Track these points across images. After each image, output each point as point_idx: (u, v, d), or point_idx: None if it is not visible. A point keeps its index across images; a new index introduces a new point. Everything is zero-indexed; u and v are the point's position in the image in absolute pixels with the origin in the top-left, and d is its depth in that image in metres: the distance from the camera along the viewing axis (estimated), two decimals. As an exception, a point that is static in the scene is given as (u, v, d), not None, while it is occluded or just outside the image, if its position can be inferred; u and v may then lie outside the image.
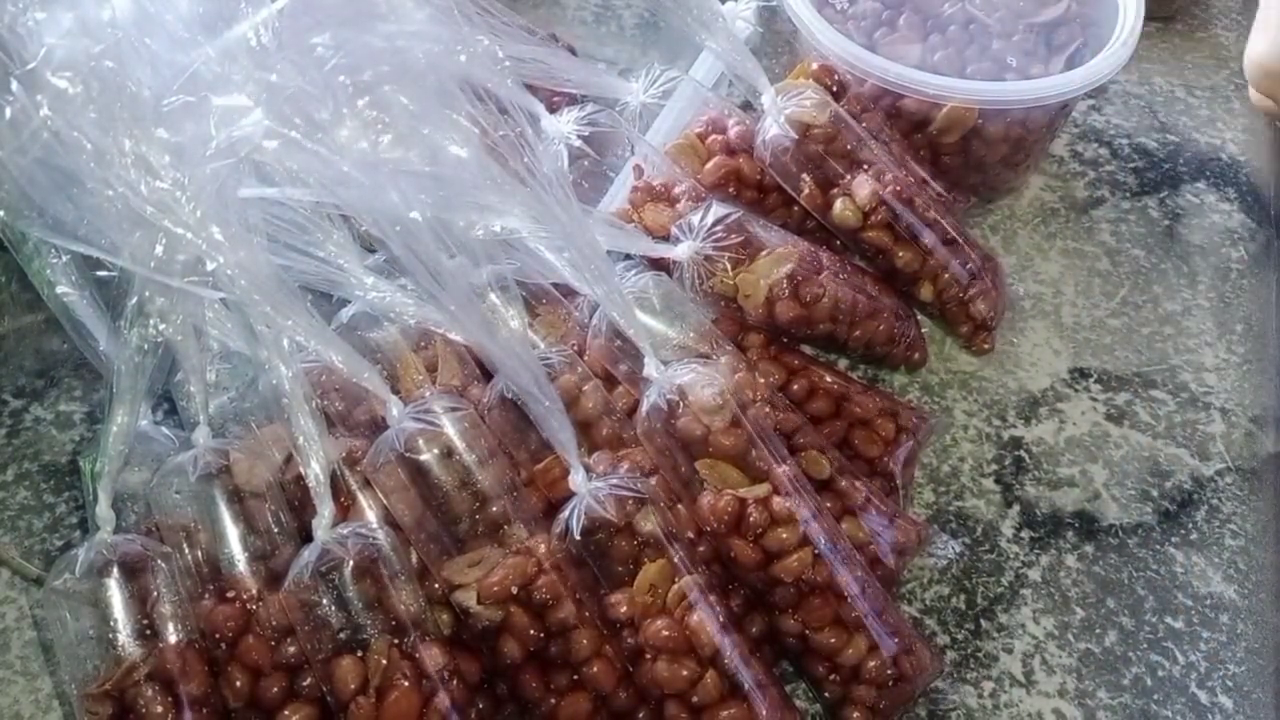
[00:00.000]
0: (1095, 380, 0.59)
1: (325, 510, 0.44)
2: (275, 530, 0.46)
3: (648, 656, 0.43)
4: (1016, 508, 0.55)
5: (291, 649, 0.44)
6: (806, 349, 0.56)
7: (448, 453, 0.45)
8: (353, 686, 0.42)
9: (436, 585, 0.45)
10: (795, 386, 0.52)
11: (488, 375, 0.49)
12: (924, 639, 0.49)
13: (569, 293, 0.51)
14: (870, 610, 0.45)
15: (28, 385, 0.58)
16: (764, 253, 0.52)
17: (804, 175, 0.54)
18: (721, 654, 0.43)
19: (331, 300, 0.50)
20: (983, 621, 0.51)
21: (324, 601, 0.43)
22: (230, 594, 0.44)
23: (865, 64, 0.57)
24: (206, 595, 0.45)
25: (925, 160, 0.60)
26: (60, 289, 0.50)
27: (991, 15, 0.61)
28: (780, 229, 0.55)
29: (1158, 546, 0.53)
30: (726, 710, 0.43)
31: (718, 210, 0.51)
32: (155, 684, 0.42)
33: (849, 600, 0.45)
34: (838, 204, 0.55)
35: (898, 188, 0.54)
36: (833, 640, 0.45)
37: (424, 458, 0.45)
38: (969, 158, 0.61)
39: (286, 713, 0.43)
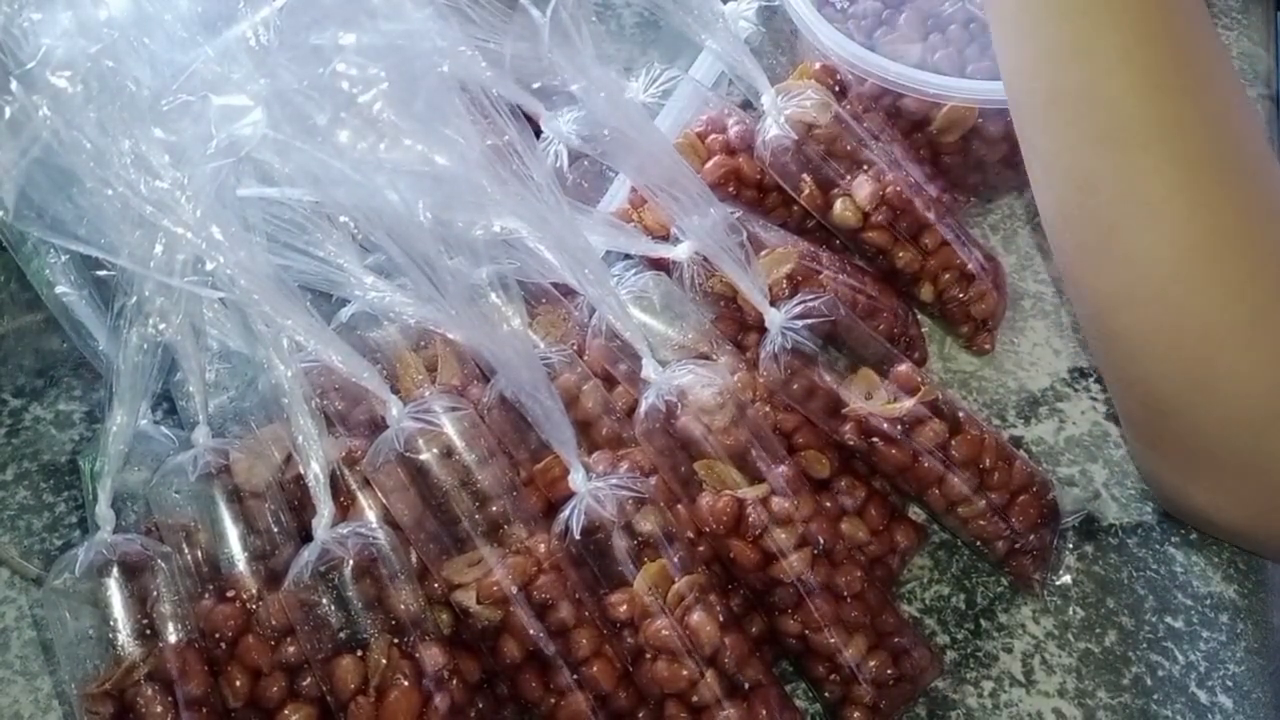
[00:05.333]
0: (1095, 380, 0.59)
1: (325, 510, 0.44)
2: (275, 530, 0.46)
3: (648, 656, 0.43)
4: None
5: (291, 649, 0.44)
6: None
7: (447, 452, 0.45)
8: (352, 686, 0.42)
9: (436, 585, 0.45)
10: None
11: (487, 375, 0.49)
12: (924, 639, 0.49)
13: (569, 292, 0.51)
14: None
15: (27, 385, 0.58)
16: (764, 253, 0.52)
17: (804, 175, 0.54)
18: (721, 654, 0.43)
19: (331, 300, 0.50)
20: (982, 621, 0.51)
21: (324, 601, 0.43)
22: (230, 594, 0.44)
23: (865, 63, 0.57)
24: (206, 595, 0.45)
25: (925, 160, 0.60)
26: (60, 289, 0.50)
27: (992, 15, 0.61)
28: (780, 229, 0.55)
29: (1158, 546, 0.53)
30: (726, 710, 0.43)
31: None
32: (155, 684, 0.42)
33: (848, 601, 0.45)
34: (838, 204, 0.55)
35: (898, 188, 0.54)
36: (832, 641, 0.45)
37: (424, 457, 0.45)
38: (969, 157, 0.61)
39: (286, 712, 0.43)
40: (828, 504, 0.49)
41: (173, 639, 0.43)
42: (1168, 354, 0.45)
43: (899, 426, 0.48)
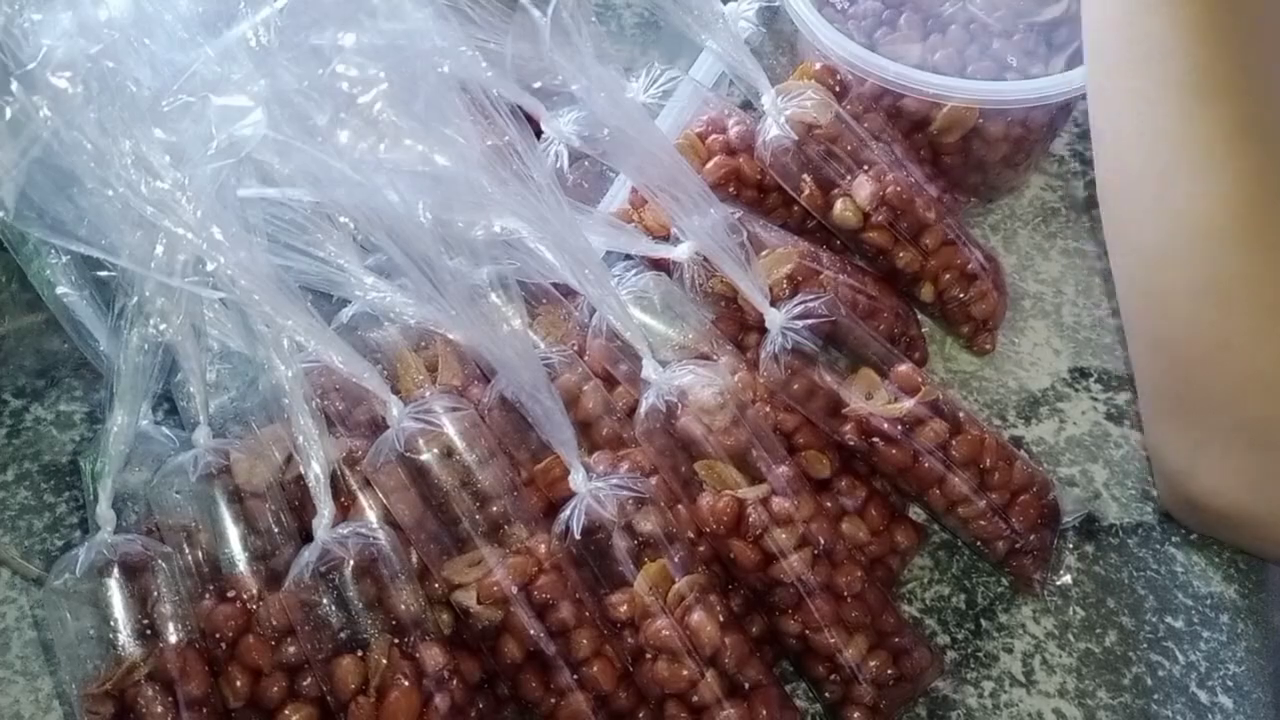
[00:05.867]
0: (1096, 380, 0.59)
1: (325, 510, 0.44)
2: (276, 530, 0.46)
3: (648, 656, 0.43)
4: (1017, 507, 0.55)
5: (292, 649, 0.44)
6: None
7: (448, 453, 0.45)
8: (353, 686, 0.42)
9: (437, 585, 0.45)
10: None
11: (488, 376, 0.49)
12: (924, 639, 0.49)
13: (569, 293, 0.51)
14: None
15: (28, 385, 0.58)
16: (764, 253, 0.52)
17: (805, 176, 0.54)
18: (721, 654, 0.43)
19: (331, 300, 0.50)
20: (983, 621, 0.51)
21: (324, 601, 0.43)
22: (231, 594, 0.44)
23: (865, 63, 0.57)
24: (207, 595, 0.45)
25: (926, 160, 0.60)
26: (60, 289, 0.50)
27: (992, 14, 0.61)
28: (780, 229, 0.55)
29: (1158, 546, 0.53)
30: (727, 710, 0.43)
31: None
32: (155, 684, 0.42)
33: (849, 601, 0.45)
34: (838, 204, 0.55)
35: (898, 188, 0.54)
36: (832, 641, 0.45)
37: (424, 458, 0.45)
38: (969, 157, 0.61)
39: (287, 712, 0.43)
40: (828, 504, 0.49)
41: (173, 639, 0.43)
42: (1199, 310, 0.46)
43: (899, 427, 0.48)
